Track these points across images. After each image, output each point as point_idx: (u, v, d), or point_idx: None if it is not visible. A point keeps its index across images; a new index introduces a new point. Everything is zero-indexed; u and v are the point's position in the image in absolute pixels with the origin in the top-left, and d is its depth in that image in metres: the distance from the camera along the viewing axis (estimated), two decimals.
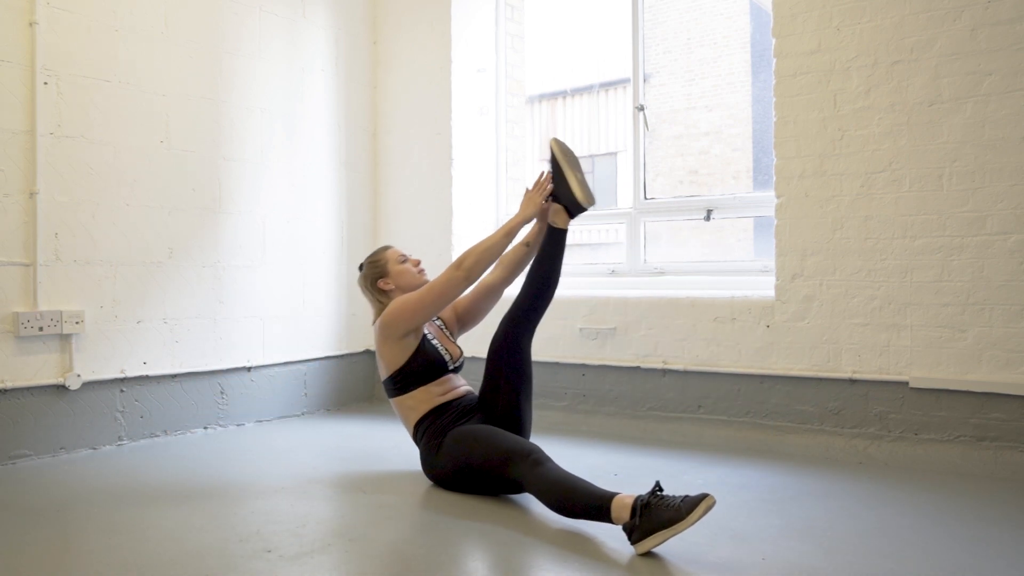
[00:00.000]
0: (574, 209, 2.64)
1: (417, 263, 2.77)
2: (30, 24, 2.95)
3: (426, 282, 2.70)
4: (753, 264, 3.51)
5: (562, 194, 2.64)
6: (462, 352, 2.79)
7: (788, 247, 3.14)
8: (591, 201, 2.63)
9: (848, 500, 2.42)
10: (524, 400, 2.59)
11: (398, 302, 2.56)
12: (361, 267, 2.78)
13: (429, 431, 2.56)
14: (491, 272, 2.84)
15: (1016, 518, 2.23)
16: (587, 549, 1.99)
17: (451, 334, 2.85)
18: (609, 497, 2.03)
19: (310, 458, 3.01)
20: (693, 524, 1.90)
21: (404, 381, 2.60)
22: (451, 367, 2.69)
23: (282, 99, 3.86)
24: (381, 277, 2.71)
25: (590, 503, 2.06)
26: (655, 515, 1.93)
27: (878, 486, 2.59)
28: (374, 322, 2.71)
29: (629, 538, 1.96)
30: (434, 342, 2.68)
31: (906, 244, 2.91)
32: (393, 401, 2.66)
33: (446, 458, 2.49)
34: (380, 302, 2.71)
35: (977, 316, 2.79)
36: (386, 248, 2.80)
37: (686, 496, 1.95)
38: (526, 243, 2.81)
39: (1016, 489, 2.54)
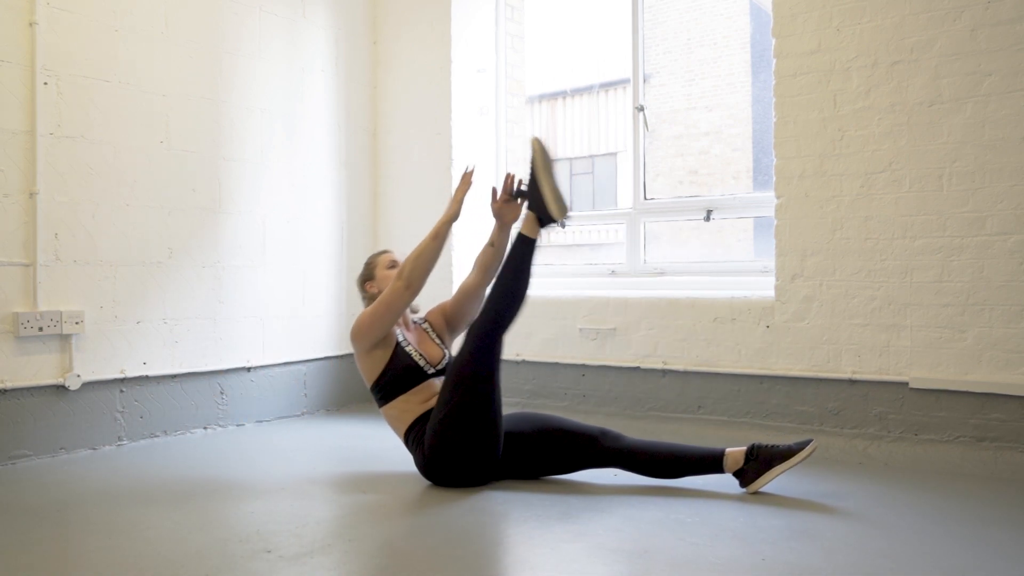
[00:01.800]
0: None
1: None
2: (30, 24, 2.95)
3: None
4: (753, 264, 3.51)
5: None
6: (446, 354, 2.78)
7: (788, 247, 3.14)
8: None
9: (848, 500, 2.42)
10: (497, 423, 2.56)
11: (358, 318, 2.63)
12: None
13: (417, 438, 2.59)
14: (468, 275, 2.87)
15: (1016, 518, 2.23)
16: (586, 547, 1.99)
17: (440, 338, 2.84)
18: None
19: (310, 458, 3.01)
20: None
21: (384, 391, 2.65)
22: (430, 372, 2.67)
23: (282, 99, 3.86)
24: (369, 279, 2.79)
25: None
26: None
27: (878, 486, 2.58)
28: None
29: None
30: (408, 348, 2.67)
31: (906, 244, 2.91)
32: (381, 411, 2.70)
33: (445, 449, 2.49)
34: (366, 303, 2.78)
35: (977, 316, 2.79)
36: (383, 252, 2.85)
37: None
38: (491, 243, 2.79)
39: (1016, 489, 2.54)
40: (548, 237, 2.61)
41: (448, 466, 2.51)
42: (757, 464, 2.44)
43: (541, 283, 4.04)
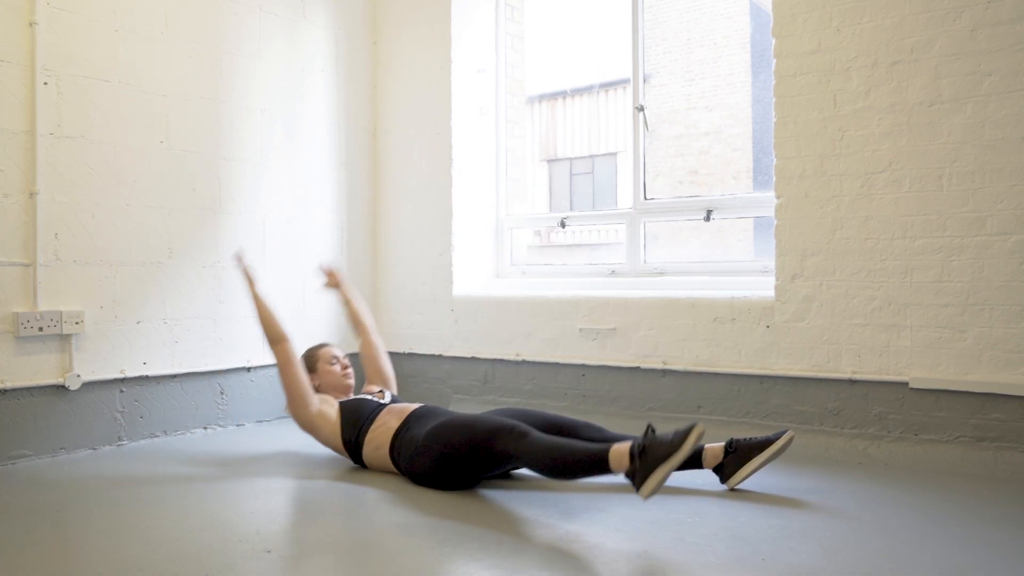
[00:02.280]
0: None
1: (345, 367, 3.03)
2: (30, 24, 2.95)
3: (350, 386, 3.01)
4: (753, 264, 3.51)
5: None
6: (386, 393, 3.01)
7: (788, 247, 3.14)
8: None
9: (848, 500, 2.42)
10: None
11: (286, 403, 2.84)
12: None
13: (402, 451, 2.62)
14: (355, 338, 3.28)
15: (1016, 518, 2.23)
16: (586, 547, 1.99)
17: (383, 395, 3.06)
18: (605, 449, 2.12)
19: (309, 458, 3.01)
20: (687, 454, 2.03)
21: (355, 444, 2.75)
22: (384, 403, 2.86)
23: (282, 99, 3.86)
24: (310, 372, 2.99)
25: (588, 458, 2.15)
26: (650, 454, 2.05)
27: (878, 486, 2.59)
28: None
29: (633, 482, 2.08)
30: (355, 396, 2.90)
31: (906, 244, 2.91)
32: (366, 463, 2.78)
33: (426, 458, 2.52)
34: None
35: (977, 316, 2.79)
36: (323, 346, 3.08)
37: (677, 430, 2.05)
38: (345, 303, 3.28)
39: (1016, 489, 2.54)
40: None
41: (443, 476, 2.54)
42: (736, 457, 2.41)
43: (541, 283, 4.05)
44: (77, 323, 3.05)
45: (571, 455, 2.19)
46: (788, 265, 3.13)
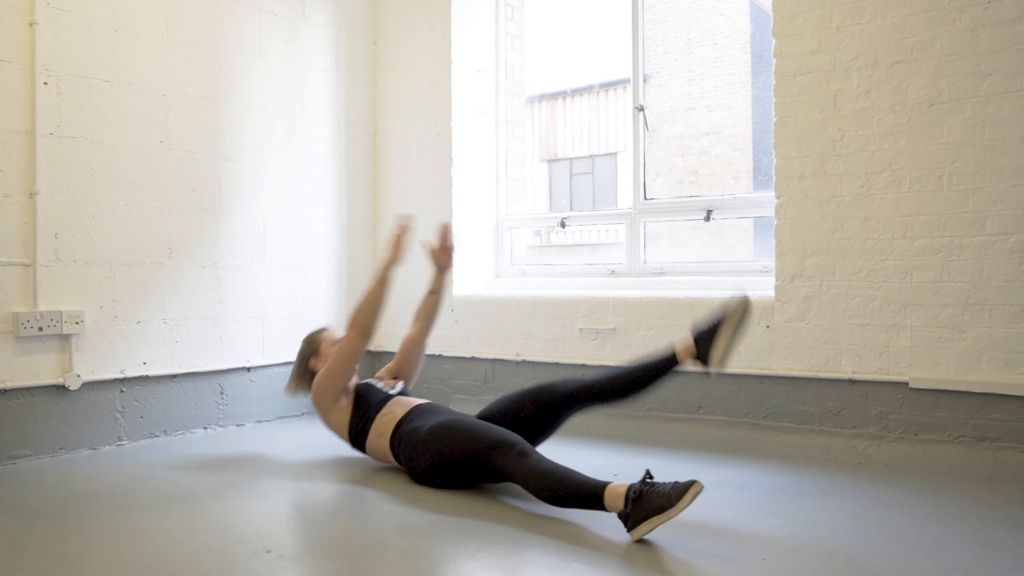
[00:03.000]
0: (703, 360, 2.48)
1: None
2: (30, 24, 2.95)
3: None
4: (753, 264, 3.51)
5: (704, 340, 2.48)
6: (398, 384, 2.99)
7: (788, 247, 3.14)
8: (720, 368, 2.47)
9: (848, 500, 2.42)
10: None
11: (318, 377, 2.82)
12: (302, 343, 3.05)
13: (402, 442, 2.63)
14: (411, 327, 3.13)
15: (1016, 518, 2.23)
16: (586, 547, 1.99)
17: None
18: (602, 486, 2.09)
19: (309, 458, 3.01)
20: (683, 510, 1.98)
21: (359, 428, 2.76)
22: (393, 394, 2.85)
23: (282, 99, 3.86)
24: (313, 355, 2.97)
25: (583, 492, 2.12)
26: (647, 503, 2.00)
27: (878, 486, 2.59)
28: (290, 395, 3.08)
29: (625, 525, 2.03)
30: (366, 382, 2.89)
31: (906, 244, 2.91)
32: (367, 452, 2.79)
33: (426, 454, 2.53)
34: (302, 378, 2.98)
35: (977, 316, 2.79)
36: (323, 329, 3.05)
37: (676, 483, 2.01)
38: (432, 291, 3.08)
39: (1016, 489, 2.54)
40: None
41: (440, 476, 2.54)
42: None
43: (541, 283, 4.05)
44: (77, 323, 3.05)
45: (567, 485, 2.17)
46: (788, 265, 3.13)
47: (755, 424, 3.20)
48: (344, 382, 2.79)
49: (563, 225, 4.09)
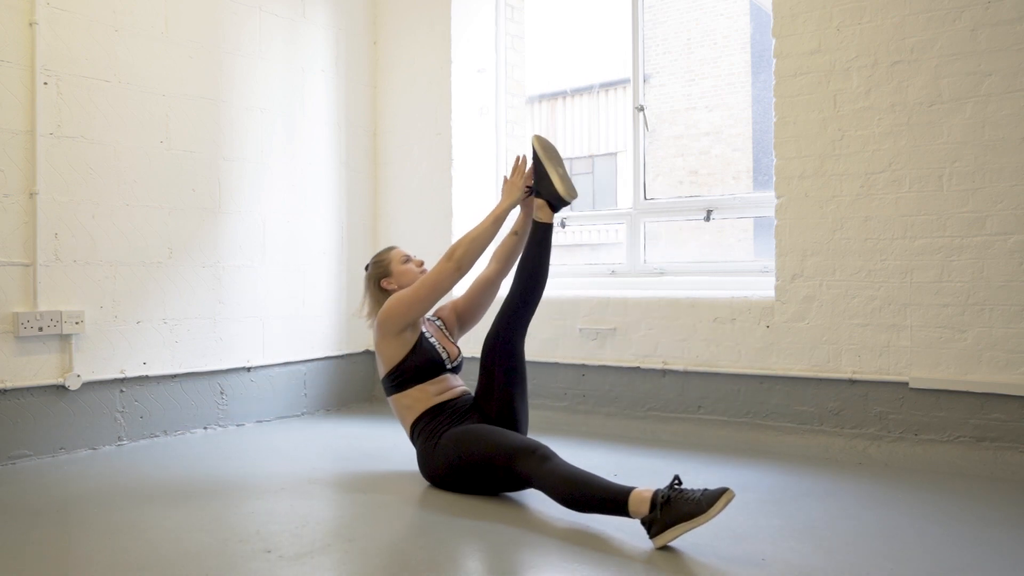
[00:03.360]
0: (556, 203, 2.65)
1: (420, 264, 2.79)
2: (30, 24, 2.95)
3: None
4: (753, 264, 3.51)
5: (544, 189, 2.66)
6: (460, 352, 2.80)
7: (788, 247, 3.14)
8: (573, 194, 2.66)
9: (848, 500, 2.42)
10: (519, 399, 2.60)
11: (394, 297, 2.60)
12: (367, 267, 2.81)
13: (425, 431, 2.57)
14: (486, 266, 2.87)
15: (1016, 518, 2.23)
16: (593, 546, 1.99)
17: (451, 335, 2.86)
18: (627, 492, 2.04)
19: (310, 458, 3.01)
20: (713, 517, 1.92)
21: (401, 378, 2.61)
22: (448, 366, 2.70)
23: (282, 99, 3.86)
24: (385, 276, 2.74)
25: (606, 497, 2.08)
26: (675, 508, 1.95)
27: (878, 486, 2.59)
28: (369, 322, 2.76)
29: (648, 531, 1.98)
30: (432, 340, 2.69)
31: (906, 244, 2.91)
32: (391, 400, 2.68)
33: (442, 458, 2.49)
34: (379, 301, 2.72)
35: (977, 316, 2.79)
36: (391, 248, 2.82)
37: (705, 490, 1.97)
38: (515, 232, 2.81)
39: (1016, 489, 2.54)
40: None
41: (454, 486, 2.52)
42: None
43: None
44: (77, 323, 3.05)
45: (589, 490, 2.11)
46: (788, 265, 3.13)
47: (755, 424, 3.20)
48: (422, 312, 2.59)
49: (563, 225, 4.09)
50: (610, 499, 2.06)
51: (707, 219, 3.60)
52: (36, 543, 2.07)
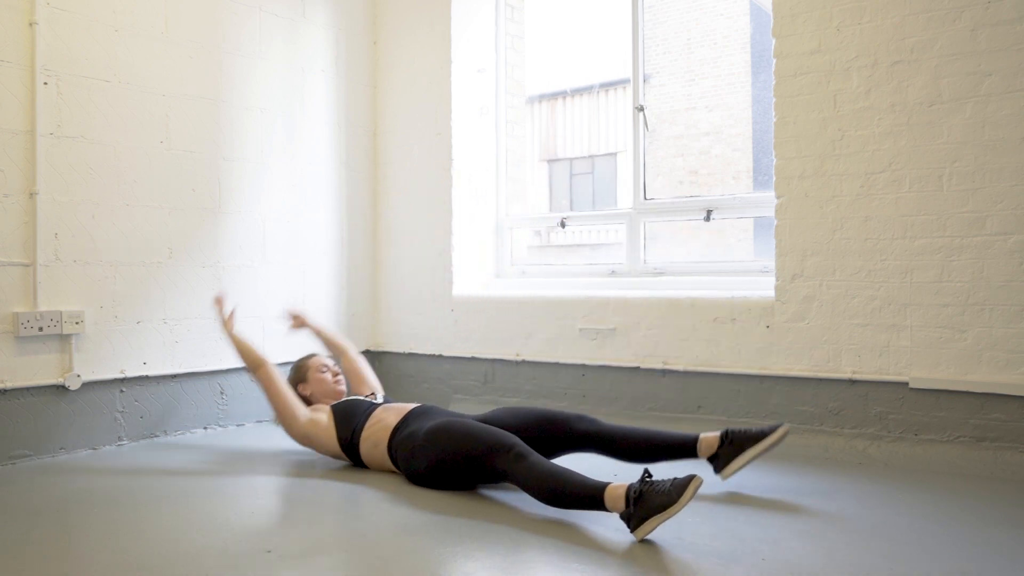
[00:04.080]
0: (717, 463, 2.48)
1: (336, 374, 3.06)
2: (30, 24, 2.95)
3: (342, 392, 3.04)
4: (753, 264, 3.51)
5: (729, 447, 2.48)
6: (377, 388, 3.14)
7: (788, 247, 3.14)
8: (725, 477, 2.49)
9: (848, 500, 2.42)
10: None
11: (288, 429, 2.91)
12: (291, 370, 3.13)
13: (400, 447, 2.62)
14: (337, 359, 3.29)
15: (1016, 518, 2.23)
16: (582, 543, 1.99)
17: (360, 385, 3.19)
18: (602, 487, 2.10)
19: (310, 458, 3.01)
20: (684, 506, 1.99)
21: (351, 443, 2.77)
22: (377, 402, 2.90)
23: (282, 99, 3.86)
24: (301, 382, 3.03)
25: (583, 494, 2.12)
26: (648, 502, 2.00)
27: (878, 486, 2.59)
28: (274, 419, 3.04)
29: (628, 525, 2.04)
30: (344, 400, 2.91)
31: (906, 244, 2.91)
32: (365, 461, 2.79)
33: (423, 456, 2.52)
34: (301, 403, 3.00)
35: (977, 316, 2.79)
36: (311, 356, 3.12)
37: (675, 479, 2.02)
38: (316, 334, 3.39)
39: (1016, 489, 2.54)
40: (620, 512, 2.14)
41: (437, 480, 2.55)
42: (731, 448, 2.41)
43: (541, 283, 4.05)
44: (77, 323, 3.05)
45: (566, 487, 2.16)
46: (788, 265, 3.13)
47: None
48: (286, 406, 2.87)
49: (563, 225, 4.09)
50: (587, 495, 2.11)
51: (707, 219, 3.60)
52: (36, 543, 2.07)
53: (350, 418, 2.79)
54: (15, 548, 2.02)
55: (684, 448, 2.48)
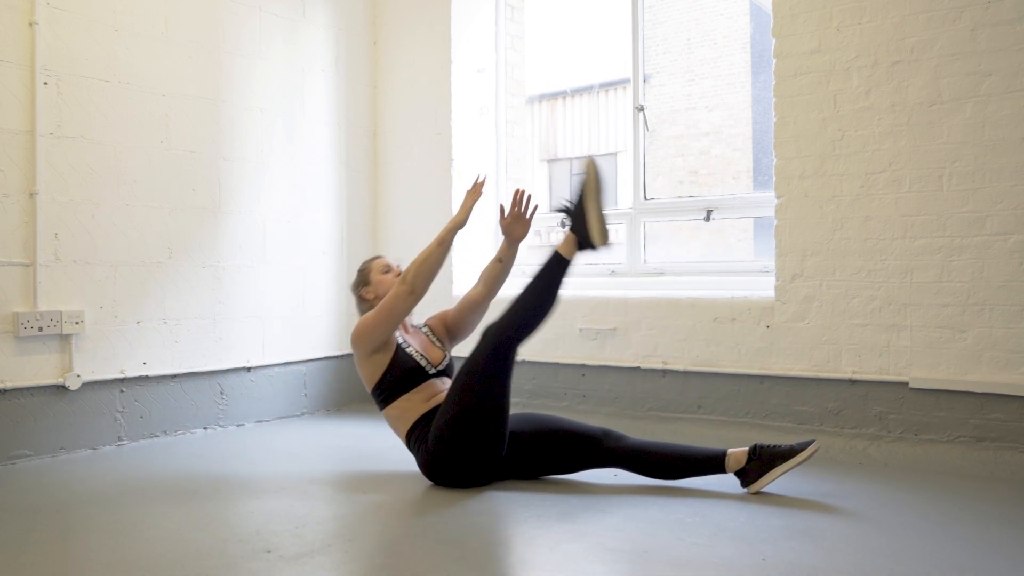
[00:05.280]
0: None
1: (399, 274, 2.80)
2: (30, 24, 2.95)
3: None
4: (753, 264, 3.51)
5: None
6: (447, 356, 2.81)
7: (788, 247, 3.14)
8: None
9: (848, 500, 2.42)
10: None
11: (360, 322, 2.65)
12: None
13: (420, 438, 2.59)
14: (473, 287, 2.92)
15: (1016, 518, 2.23)
16: (586, 547, 1.99)
17: (441, 343, 2.85)
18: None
19: (310, 458, 3.01)
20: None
21: (385, 392, 2.65)
22: (431, 372, 2.69)
23: (282, 99, 3.86)
24: (364, 285, 2.80)
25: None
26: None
27: (878, 486, 2.59)
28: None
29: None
30: (409, 350, 2.69)
31: (906, 244, 2.91)
32: (383, 413, 2.71)
33: (470, 430, 2.47)
34: (362, 310, 2.80)
35: (977, 316, 2.79)
36: (375, 258, 2.88)
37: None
38: (498, 259, 2.88)
39: (1016, 489, 2.54)
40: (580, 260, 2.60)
41: (451, 467, 2.51)
42: (759, 464, 2.44)
43: None
44: (77, 323, 3.05)
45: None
46: (788, 265, 3.13)
47: (755, 424, 3.20)
48: (384, 335, 2.62)
49: (563, 225, 4.08)
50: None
51: (707, 219, 3.60)
52: (36, 543, 2.07)
53: (398, 377, 2.63)
54: (15, 548, 2.02)
55: (712, 463, 2.50)
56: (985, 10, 2.76)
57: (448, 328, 2.91)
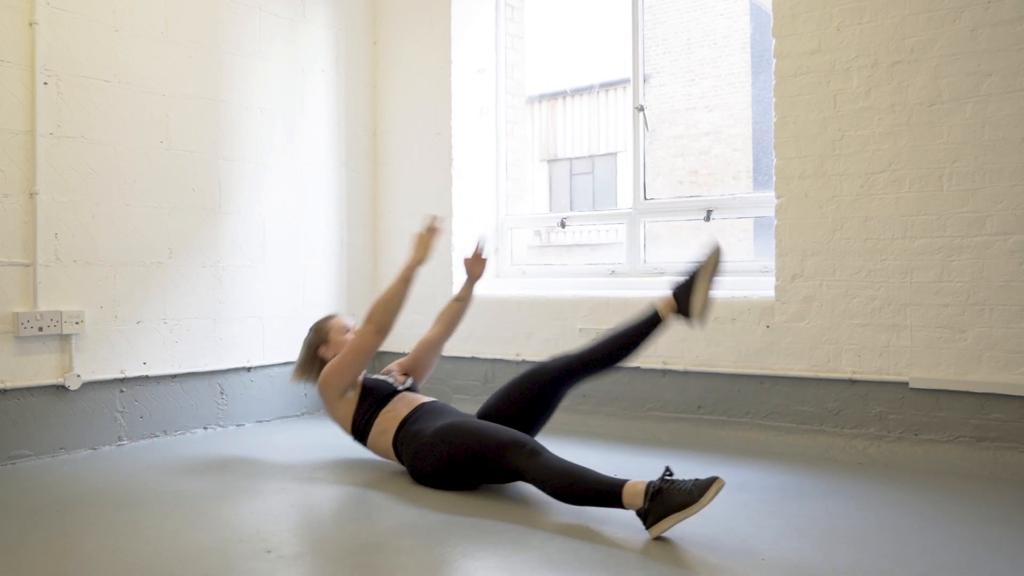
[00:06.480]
0: (682, 312, 2.54)
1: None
2: (30, 24, 2.95)
3: None
4: (753, 264, 3.51)
5: (683, 294, 2.53)
6: (409, 379, 2.96)
7: (788, 247, 3.14)
8: (701, 320, 2.52)
9: (848, 500, 2.42)
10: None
11: (327, 368, 2.77)
12: (309, 331, 2.98)
13: (405, 442, 2.61)
14: (431, 329, 3.08)
15: (1016, 518, 2.23)
16: (588, 540, 1.99)
17: (404, 376, 3.02)
18: (620, 484, 2.09)
19: (310, 458, 3.01)
20: (705, 506, 1.98)
21: (365, 418, 2.74)
22: (401, 389, 2.82)
23: (282, 99, 3.86)
24: (322, 344, 2.92)
25: (600, 489, 2.12)
26: (667, 499, 2.00)
27: (878, 486, 2.59)
28: (294, 381, 3.00)
29: (644, 522, 2.04)
30: (375, 375, 2.85)
31: (906, 244, 2.91)
32: (368, 447, 2.78)
33: (431, 456, 2.51)
34: (309, 366, 2.93)
35: (977, 316, 2.79)
36: (331, 316, 3.00)
37: (696, 480, 2.02)
38: (458, 299, 3.04)
39: (1016, 489, 2.54)
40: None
41: (444, 479, 2.53)
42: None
43: (541, 283, 4.05)
44: (77, 323, 3.05)
45: (584, 483, 2.15)
46: (788, 265, 3.14)
47: (755, 424, 3.20)
48: (353, 376, 2.76)
49: (563, 225, 4.09)
50: (604, 491, 2.11)
51: (707, 219, 3.60)
52: (36, 543, 2.07)
53: (372, 401, 2.74)
54: (15, 548, 2.02)
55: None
56: (985, 10, 2.76)
57: (406, 372, 3.04)
